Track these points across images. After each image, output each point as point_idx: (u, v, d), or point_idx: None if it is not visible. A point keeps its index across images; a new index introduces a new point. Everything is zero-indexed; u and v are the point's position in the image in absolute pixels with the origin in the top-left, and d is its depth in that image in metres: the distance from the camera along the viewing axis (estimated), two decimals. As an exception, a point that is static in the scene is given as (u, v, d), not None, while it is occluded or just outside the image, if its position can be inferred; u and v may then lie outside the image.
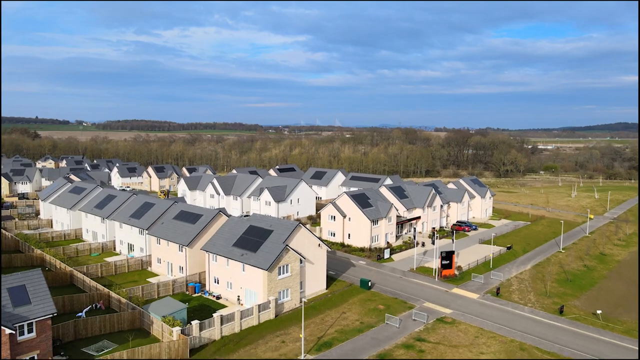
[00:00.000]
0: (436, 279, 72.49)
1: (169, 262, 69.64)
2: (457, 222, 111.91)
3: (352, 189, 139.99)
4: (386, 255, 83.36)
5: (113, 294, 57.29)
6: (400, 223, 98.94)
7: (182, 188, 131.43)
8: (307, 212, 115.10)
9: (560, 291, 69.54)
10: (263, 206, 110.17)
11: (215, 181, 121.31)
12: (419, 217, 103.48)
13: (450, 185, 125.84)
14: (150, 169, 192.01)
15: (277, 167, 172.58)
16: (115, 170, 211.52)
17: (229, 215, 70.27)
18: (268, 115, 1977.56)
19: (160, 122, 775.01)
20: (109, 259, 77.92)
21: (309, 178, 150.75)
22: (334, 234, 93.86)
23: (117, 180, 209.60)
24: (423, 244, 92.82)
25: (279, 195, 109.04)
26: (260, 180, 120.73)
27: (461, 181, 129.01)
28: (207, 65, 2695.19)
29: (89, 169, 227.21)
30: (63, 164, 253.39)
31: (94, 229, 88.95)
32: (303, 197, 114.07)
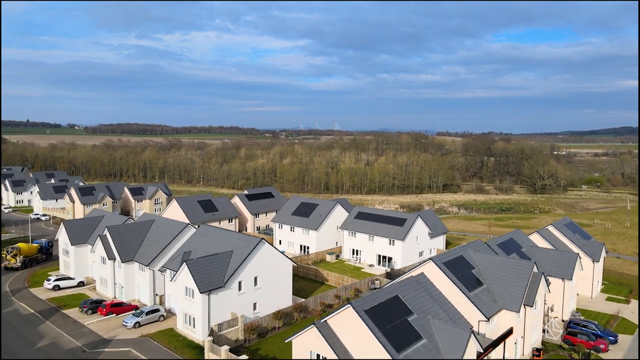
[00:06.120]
0: None
1: None
2: (572, 323, 56.61)
3: (359, 235, 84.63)
4: None
5: None
6: (479, 357, 43.38)
7: (63, 240, 75.41)
8: (275, 303, 58.61)
9: None
10: (182, 295, 54.13)
11: (108, 235, 65.38)
12: (510, 332, 48.02)
13: (539, 241, 70.08)
14: (73, 191, 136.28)
15: (247, 191, 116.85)
16: (35, 190, 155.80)
17: None
18: (267, 119, 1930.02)
19: (154, 125, 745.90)
20: None
21: (289, 215, 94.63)
22: (326, 401, 38.25)
23: (37, 203, 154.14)
24: None
25: (212, 278, 52.90)
26: (192, 232, 65.19)
27: (552, 230, 73.40)
28: (207, 69, 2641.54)
29: (7, 186, 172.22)
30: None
31: None
32: (267, 271, 57.99)
